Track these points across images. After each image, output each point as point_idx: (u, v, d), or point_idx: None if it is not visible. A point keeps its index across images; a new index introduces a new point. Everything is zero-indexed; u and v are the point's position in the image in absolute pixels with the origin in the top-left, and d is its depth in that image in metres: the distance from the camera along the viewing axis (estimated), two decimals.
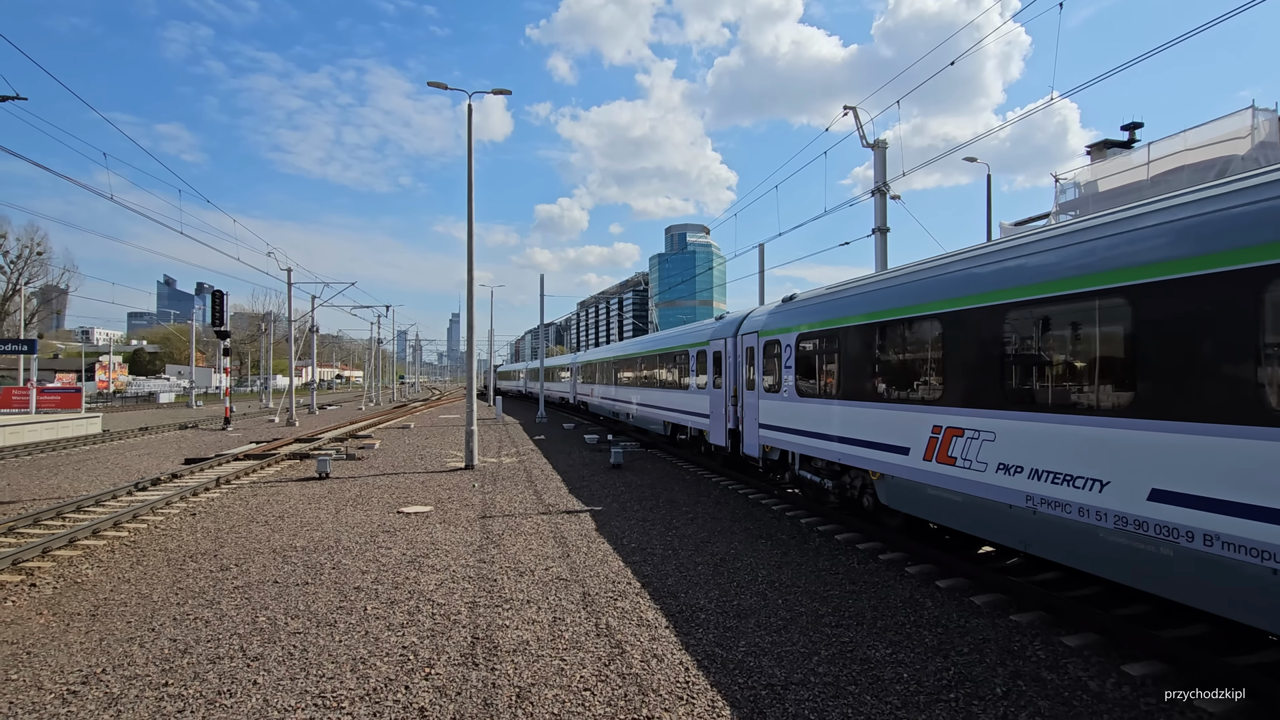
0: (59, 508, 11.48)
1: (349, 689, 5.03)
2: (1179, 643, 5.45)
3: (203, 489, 13.63)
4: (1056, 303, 6.16)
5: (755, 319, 13.65)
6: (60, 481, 15.45)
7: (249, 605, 6.88)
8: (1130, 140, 31.28)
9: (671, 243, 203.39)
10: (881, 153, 16.26)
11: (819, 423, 10.53)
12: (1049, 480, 6.11)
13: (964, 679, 5.20)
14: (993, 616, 6.56)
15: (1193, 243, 5.01)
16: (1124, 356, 5.65)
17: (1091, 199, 25.23)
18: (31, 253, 67.15)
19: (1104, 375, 5.86)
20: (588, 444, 22.61)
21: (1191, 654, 5.22)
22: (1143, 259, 5.38)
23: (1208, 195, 5.05)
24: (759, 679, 5.21)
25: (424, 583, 7.59)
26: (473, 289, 18.06)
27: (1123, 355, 5.68)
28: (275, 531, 10.17)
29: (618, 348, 30.37)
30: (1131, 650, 5.61)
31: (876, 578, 7.86)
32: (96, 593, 7.40)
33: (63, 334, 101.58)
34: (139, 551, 9.12)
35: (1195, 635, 5.73)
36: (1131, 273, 5.47)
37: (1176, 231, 5.16)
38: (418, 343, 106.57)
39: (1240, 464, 4.56)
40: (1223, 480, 4.66)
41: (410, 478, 15.44)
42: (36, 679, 5.26)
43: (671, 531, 10.11)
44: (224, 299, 30.18)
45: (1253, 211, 4.65)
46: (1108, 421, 5.56)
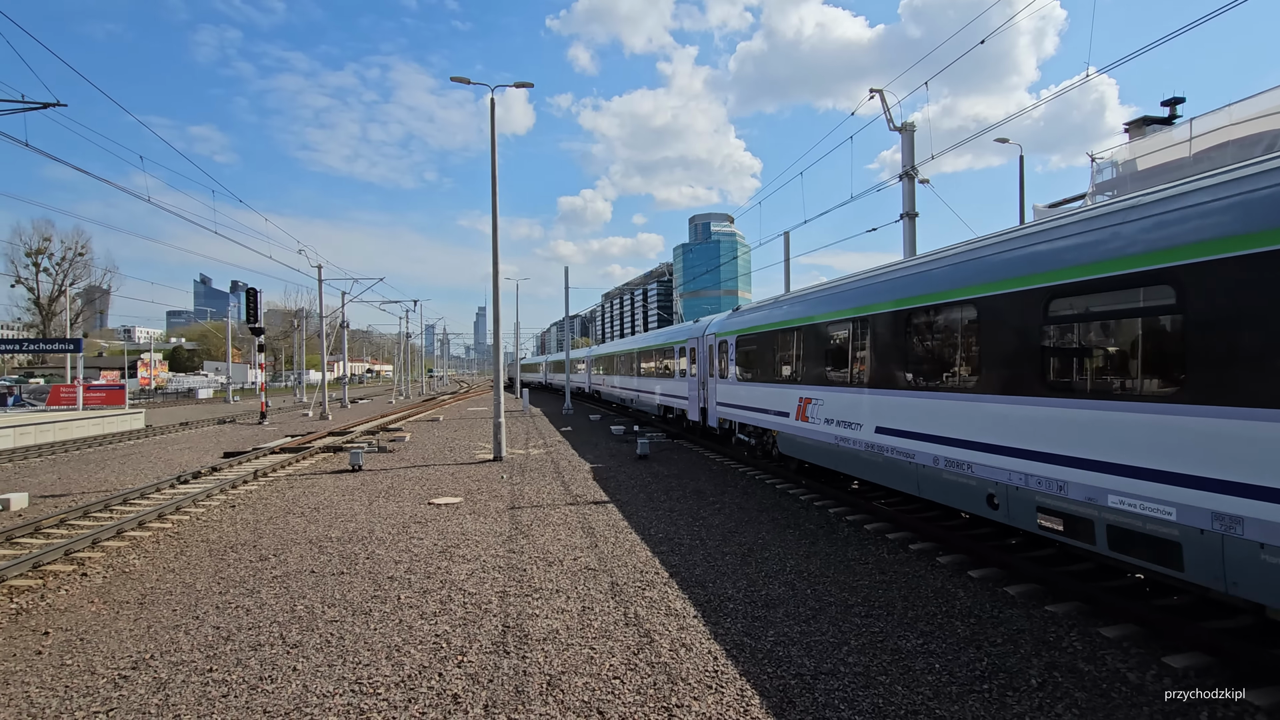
0: (106, 500, 11.91)
1: (384, 676, 5.15)
2: (1223, 634, 5.30)
3: (241, 481, 14.02)
4: (831, 325, 10.98)
5: (715, 324, 17.75)
6: (107, 475, 16.03)
7: (288, 594, 7.08)
8: (1171, 116, 30.15)
9: (695, 232, 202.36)
10: (909, 136, 15.92)
11: (747, 399, 14.79)
12: (842, 426, 10.30)
13: (998, 670, 5.13)
14: (1027, 607, 6.45)
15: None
16: (854, 354, 10.16)
17: (1130, 178, 24.40)
18: (75, 255, 69.58)
19: (856, 363, 10.10)
20: (614, 435, 22.70)
21: (1236, 646, 5.07)
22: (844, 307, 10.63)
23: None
24: (788, 668, 5.20)
25: (455, 572, 7.73)
26: (498, 284, 18.20)
27: (853, 354, 10.20)
28: (311, 523, 10.42)
29: (623, 343, 35.41)
30: (1173, 642, 5.47)
31: (907, 568, 7.77)
32: (143, 582, 7.68)
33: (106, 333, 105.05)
34: (182, 542, 9.44)
35: (1240, 628, 5.56)
36: (854, 311, 10.17)
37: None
38: (445, 337, 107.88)
39: (898, 410, 8.82)
40: (895, 418, 8.87)
41: (440, 469, 15.68)
42: (90, 664, 5.49)
43: (698, 522, 10.12)
44: (258, 296, 30.87)
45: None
46: (858, 390, 9.85)
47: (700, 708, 4.63)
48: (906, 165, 15.92)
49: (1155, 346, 5.72)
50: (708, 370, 17.97)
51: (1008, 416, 6.83)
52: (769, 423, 13.32)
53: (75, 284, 70.20)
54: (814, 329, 11.52)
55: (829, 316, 10.98)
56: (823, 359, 11.21)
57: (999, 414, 6.96)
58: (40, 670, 5.39)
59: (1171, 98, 30.32)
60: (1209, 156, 20.30)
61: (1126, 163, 25.74)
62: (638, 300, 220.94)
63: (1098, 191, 25.90)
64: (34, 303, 67.19)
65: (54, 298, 66.86)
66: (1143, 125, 29.52)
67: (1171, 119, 29.87)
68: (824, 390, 10.95)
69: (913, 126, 15.94)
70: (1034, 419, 6.49)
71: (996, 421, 7.00)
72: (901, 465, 8.70)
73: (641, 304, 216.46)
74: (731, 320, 16.49)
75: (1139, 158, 24.98)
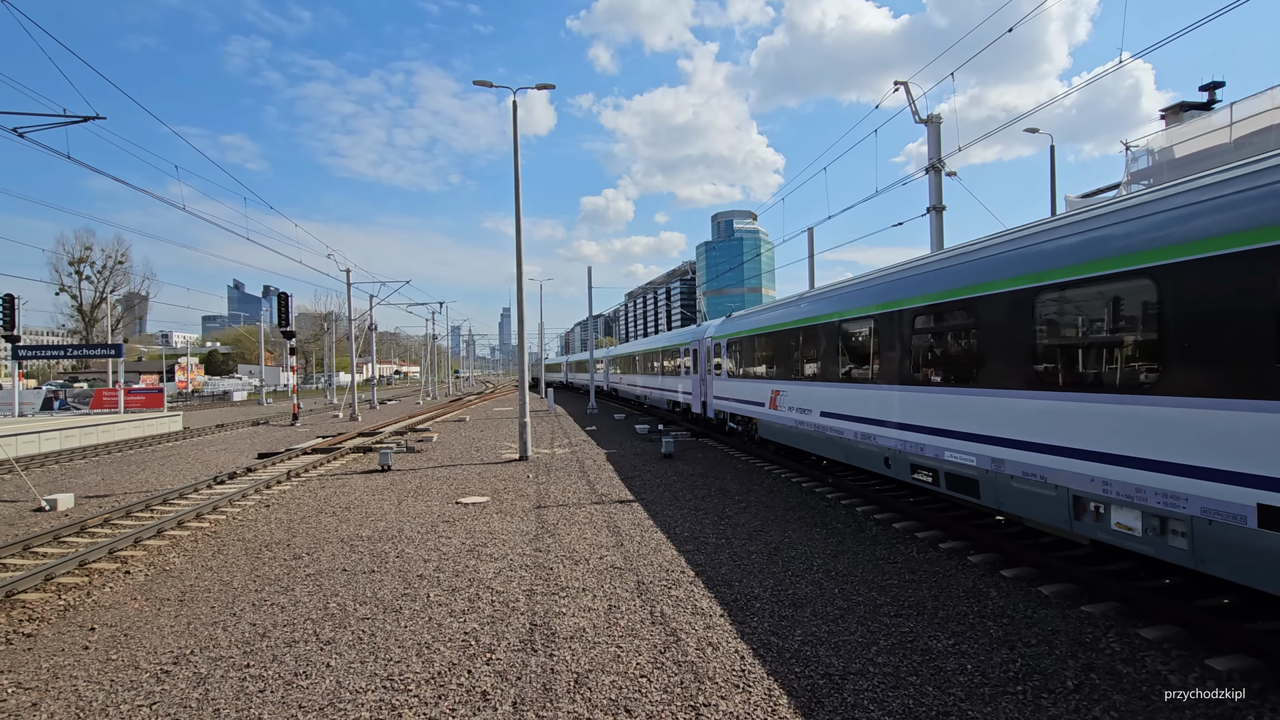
0: (147, 500, 12.29)
1: (415, 672, 5.23)
2: (1270, 635, 5.12)
3: (275, 482, 14.35)
4: (788, 332, 13.84)
5: (713, 328, 20.62)
6: (147, 476, 16.53)
7: (320, 592, 7.23)
8: (1210, 102, 29.14)
9: (718, 230, 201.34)
10: (935, 128, 15.66)
11: (736, 393, 17.90)
12: (799, 412, 12.95)
13: (1032, 671, 5.03)
14: (1062, 607, 6.31)
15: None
16: (805, 356, 12.89)
17: (1167, 166, 23.65)
18: (116, 263, 71.79)
19: (808, 362, 12.75)
20: (639, 434, 22.73)
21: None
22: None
23: None
24: (816, 668, 5.16)
25: (483, 571, 7.81)
26: (522, 286, 18.34)
27: (804, 355, 12.93)
28: (342, 522, 10.63)
29: (637, 345, 40.23)
30: (1216, 644, 5.31)
31: (937, 567, 7.66)
32: (183, 579, 7.91)
33: (145, 338, 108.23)
34: (219, 541, 9.69)
35: None
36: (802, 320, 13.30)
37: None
38: (470, 338, 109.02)
39: (833, 398, 11.43)
40: (832, 404, 11.47)
41: (467, 469, 15.86)
42: (134, 659, 5.67)
43: (724, 520, 10.09)
44: (289, 301, 31.54)
45: None
46: (812, 383, 12.43)
47: (728, 707, 4.62)
48: (933, 158, 15.66)
49: (949, 352, 8.88)
50: (707, 368, 21.07)
51: (894, 401, 9.62)
52: (752, 411, 16.38)
53: (116, 291, 72.49)
54: (779, 334, 14.45)
55: (786, 325, 14.01)
56: (786, 359, 14.09)
57: (889, 399, 9.76)
58: (87, 664, 5.58)
59: (1210, 82, 29.33)
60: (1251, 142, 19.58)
61: (1163, 150, 24.95)
62: (660, 299, 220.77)
63: (1133, 180, 25.18)
64: (77, 310, 69.49)
65: (96, 305, 69.07)
66: (1180, 111, 28.61)
67: (1210, 104, 28.87)
68: (787, 384, 13.84)
69: (939, 119, 15.68)
70: (907, 402, 9.27)
71: (887, 405, 9.78)
72: (835, 440, 11.48)
73: (665, 303, 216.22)
74: (725, 325, 19.39)
75: (1176, 145, 24.19)
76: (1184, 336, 5.32)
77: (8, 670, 5.51)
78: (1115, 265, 5.94)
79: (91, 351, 40.44)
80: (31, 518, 11.85)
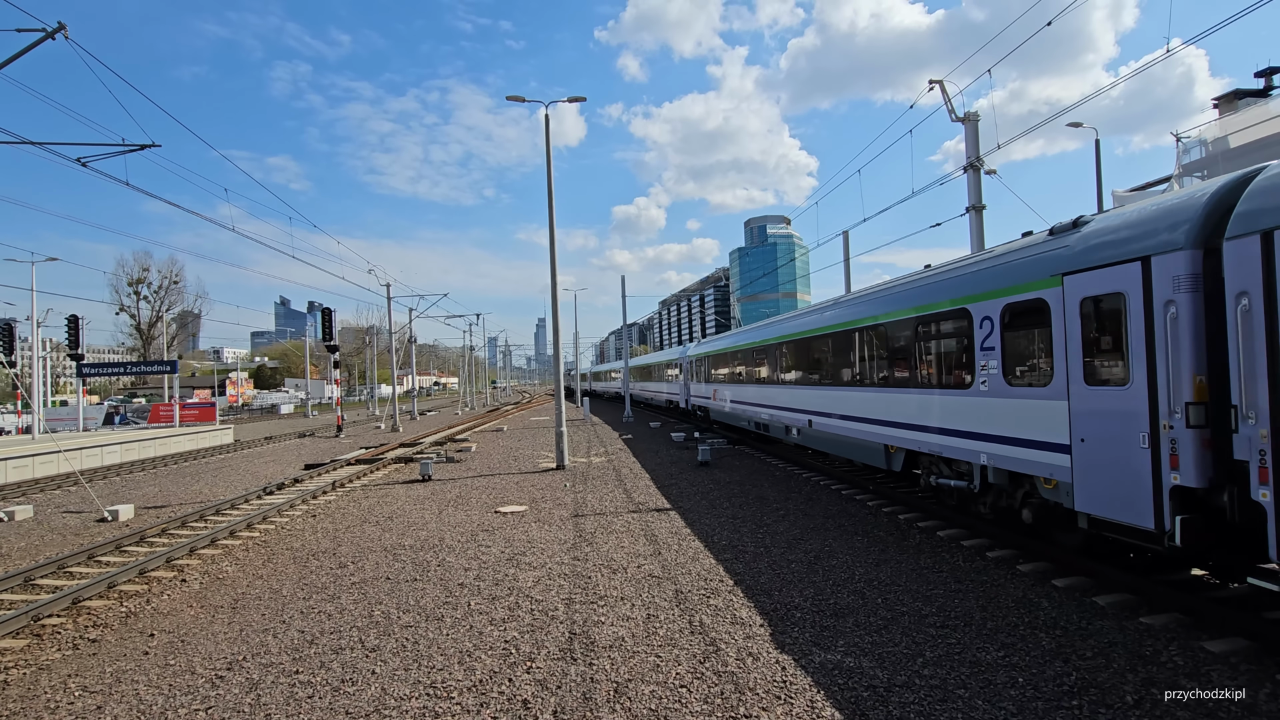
0: (202, 511, 12.76)
1: (457, 680, 5.30)
2: None
3: (321, 492, 14.74)
4: (724, 354, 23.72)
5: (693, 349, 30.56)
6: (201, 487, 17.16)
7: (365, 600, 7.39)
8: (1267, 88, 27.84)
9: (751, 236, 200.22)
10: (973, 127, 15.33)
11: (701, 392, 27.40)
12: (729, 403, 22.34)
13: (1088, 685, 4.83)
14: (1119, 619, 6.06)
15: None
16: (733, 368, 22.27)
17: (1221, 157, 22.66)
18: (171, 283, 75.05)
19: (735, 371, 22.05)
20: (674, 442, 22.68)
21: None
22: None
23: None
24: (860, 680, 5.06)
25: (522, 580, 7.88)
26: (556, 296, 18.53)
27: (732, 367, 22.37)
28: (386, 531, 10.85)
29: (647, 358, 52.25)
30: None
31: (984, 576, 7.43)
32: (235, 588, 8.18)
33: (197, 354, 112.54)
34: (269, 550, 9.99)
35: None
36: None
37: None
38: (507, 348, 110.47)
39: (739, 390, 21.31)
40: (739, 395, 21.28)
41: (505, 479, 16.05)
42: (190, 664, 5.88)
43: (762, 528, 9.98)
44: (332, 316, 32.48)
45: None
46: (735, 384, 21.90)
47: (770, 719, 4.55)
48: (971, 157, 15.32)
49: (788, 364, 16.32)
50: (689, 376, 30.43)
51: (758, 391, 18.81)
52: (706, 404, 26.59)
53: (171, 310, 75.75)
54: (720, 355, 24.10)
55: (722, 350, 23.98)
56: (725, 369, 23.29)
57: (760, 391, 18.47)
58: (147, 669, 5.81)
59: (1267, 68, 28.02)
60: None
61: (1217, 140, 23.93)
62: (695, 306, 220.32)
63: (1185, 173, 24.19)
64: (135, 329, 72.82)
65: (152, 323, 72.30)
66: (1234, 100, 27.40)
67: (1268, 90, 27.58)
68: (723, 386, 23.29)
69: (976, 116, 15.34)
70: (766, 394, 17.84)
71: (758, 394, 18.61)
72: (740, 415, 20.62)
73: (699, 309, 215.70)
74: (698, 347, 29.56)
75: (1231, 134, 23.18)
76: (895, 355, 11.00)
77: (75, 674, 5.77)
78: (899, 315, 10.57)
79: (148, 368, 42.33)
80: (95, 528, 12.41)
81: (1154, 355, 5.76)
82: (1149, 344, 5.80)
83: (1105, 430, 6.28)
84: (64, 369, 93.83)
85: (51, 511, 14.26)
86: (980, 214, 15.30)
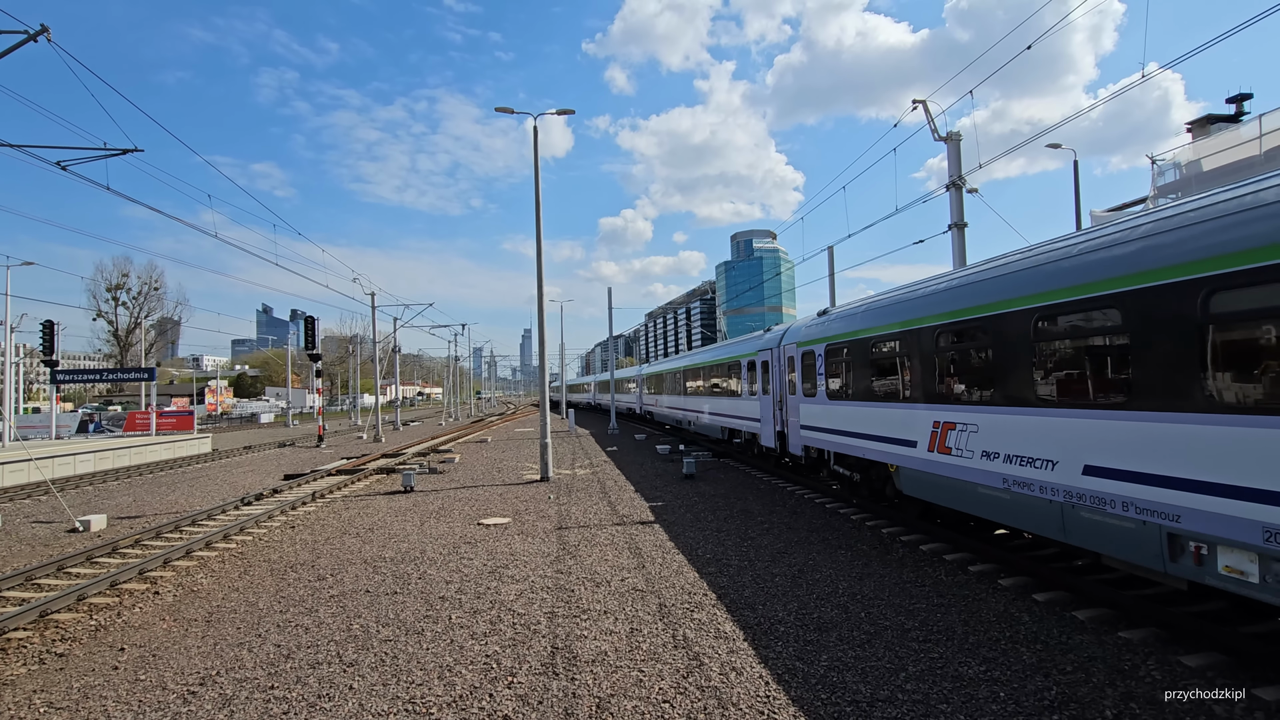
0: (177, 522, 12.50)
1: (437, 695, 5.21)
2: None
3: (300, 503, 14.51)
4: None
5: (646, 369, 39.50)
6: (177, 497, 16.82)
7: (344, 614, 7.26)
8: (1238, 114, 28.64)
9: (738, 250, 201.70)
10: (955, 146, 15.60)
11: (648, 400, 39.32)
12: (666, 407, 33.06)
13: (1068, 699, 4.86)
14: (1099, 633, 6.11)
15: None
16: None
17: (1194, 179, 23.23)
18: (150, 289, 73.99)
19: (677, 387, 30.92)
20: (659, 454, 22.64)
21: None
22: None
23: None
24: (843, 695, 5.04)
25: (504, 593, 7.79)
26: (543, 309, 18.51)
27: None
28: (366, 543, 10.69)
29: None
30: (1264, 672, 5.09)
31: (966, 590, 7.47)
32: (210, 600, 8.00)
33: (177, 362, 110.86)
34: (246, 562, 9.80)
35: None
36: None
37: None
38: (492, 359, 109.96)
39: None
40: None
41: (489, 490, 15.91)
42: (161, 679, 5.73)
43: (747, 542, 9.97)
44: (315, 324, 32.15)
45: None
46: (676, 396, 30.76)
47: None
48: (953, 175, 15.58)
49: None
50: (642, 389, 36.37)
51: (675, 399, 30.82)
52: (651, 409, 35.40)
53: (150, 316, 74.59)
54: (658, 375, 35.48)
55: (659, 372, 35.09)
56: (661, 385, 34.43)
57: (675, 399, 30.85)
58: (116, 685, 5.65)
59: (1238, 95, 28.85)
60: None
61: (1190, 163, 24.52)
62: (681, 319, 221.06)
63: (1160, 194, 24.75)
64: (113, 335, 71.58)
65: (130, 330, 71.11)
66: (1206, 124, 28.14)
67: (1239, 116, 28.37)
68: (661, 396, 35.19)
69: (958, 136, 15.62)
70: (678, 402, 29.81)
71: (675, 400, 30.63)
72: (669, 416, 32.65)
73: (685, 322, 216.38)
74: (650, 368, 33.87)
75: (1204, 158, 23.77)
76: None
77: (41, 690, 5.60)
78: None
79: (125, 375, 41.55)
80: (66, 539, 12.11)
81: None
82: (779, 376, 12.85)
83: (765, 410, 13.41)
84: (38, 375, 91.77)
85: (20, 521, 13.90)
86: (962, 231, 15.54)
